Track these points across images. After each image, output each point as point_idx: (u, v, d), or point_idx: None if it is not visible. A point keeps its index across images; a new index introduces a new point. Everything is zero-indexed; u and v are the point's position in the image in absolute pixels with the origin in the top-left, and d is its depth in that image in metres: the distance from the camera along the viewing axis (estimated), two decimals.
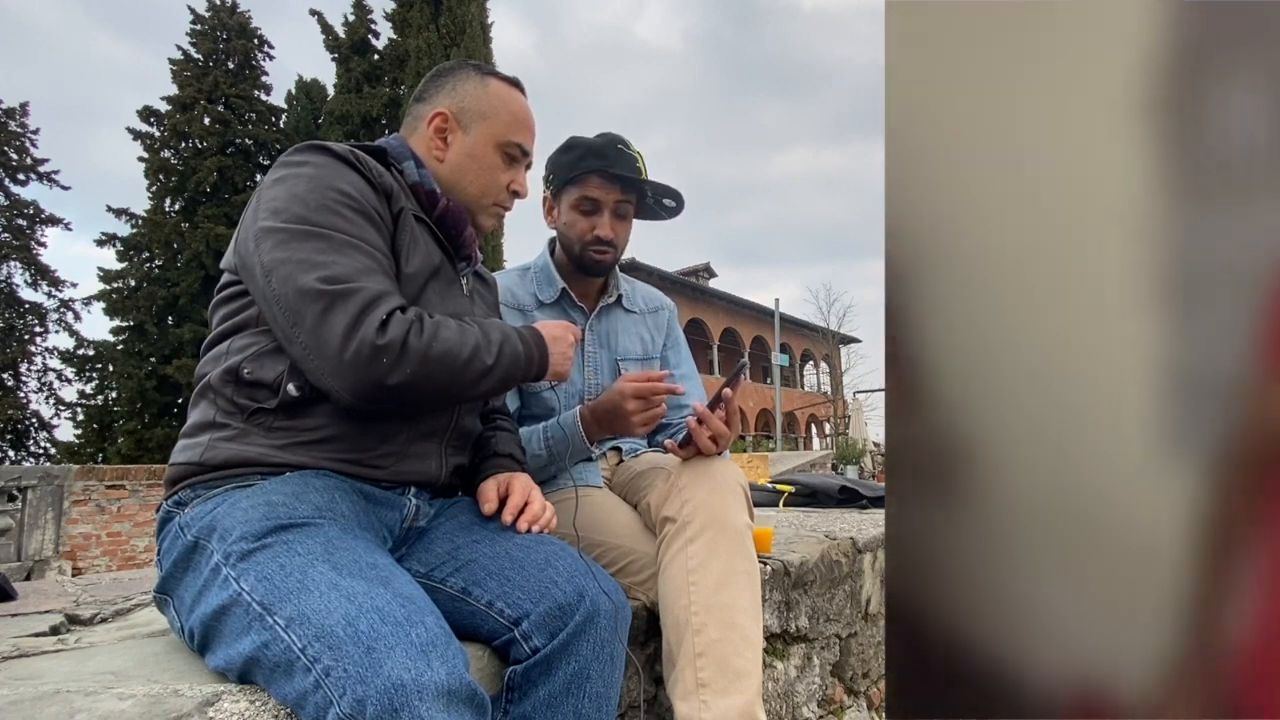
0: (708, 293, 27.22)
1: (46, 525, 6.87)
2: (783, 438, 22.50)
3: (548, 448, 1.29)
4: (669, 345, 1.59)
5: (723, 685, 1.03)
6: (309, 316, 0.81)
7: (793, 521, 2.25)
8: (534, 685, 0.85)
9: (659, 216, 1.47)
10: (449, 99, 1.07)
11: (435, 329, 0.86)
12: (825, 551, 1.70)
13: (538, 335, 1.00)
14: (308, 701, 0.64)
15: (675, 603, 1.09)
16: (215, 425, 0.88)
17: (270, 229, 0.85)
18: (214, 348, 0.92)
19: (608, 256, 1.40)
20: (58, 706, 0.65)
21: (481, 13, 16.22)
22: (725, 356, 26.50)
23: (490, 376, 0.91)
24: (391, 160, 1.02)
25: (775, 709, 1.45)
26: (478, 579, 0.89)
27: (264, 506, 0.79)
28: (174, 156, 18.67)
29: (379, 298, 0.83)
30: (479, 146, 1.06)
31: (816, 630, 1.63)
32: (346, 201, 0.89)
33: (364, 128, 16.71)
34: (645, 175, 1.38)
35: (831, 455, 15.40)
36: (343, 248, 0.85)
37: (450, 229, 1.05)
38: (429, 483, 0.99)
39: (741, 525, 1.15)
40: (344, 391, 0.82)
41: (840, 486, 2.84)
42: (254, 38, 19.99)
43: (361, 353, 0.80)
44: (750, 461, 11.75)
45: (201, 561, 0.79)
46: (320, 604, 0.67)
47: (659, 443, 1.57)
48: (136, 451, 16.59)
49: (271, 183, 0.90)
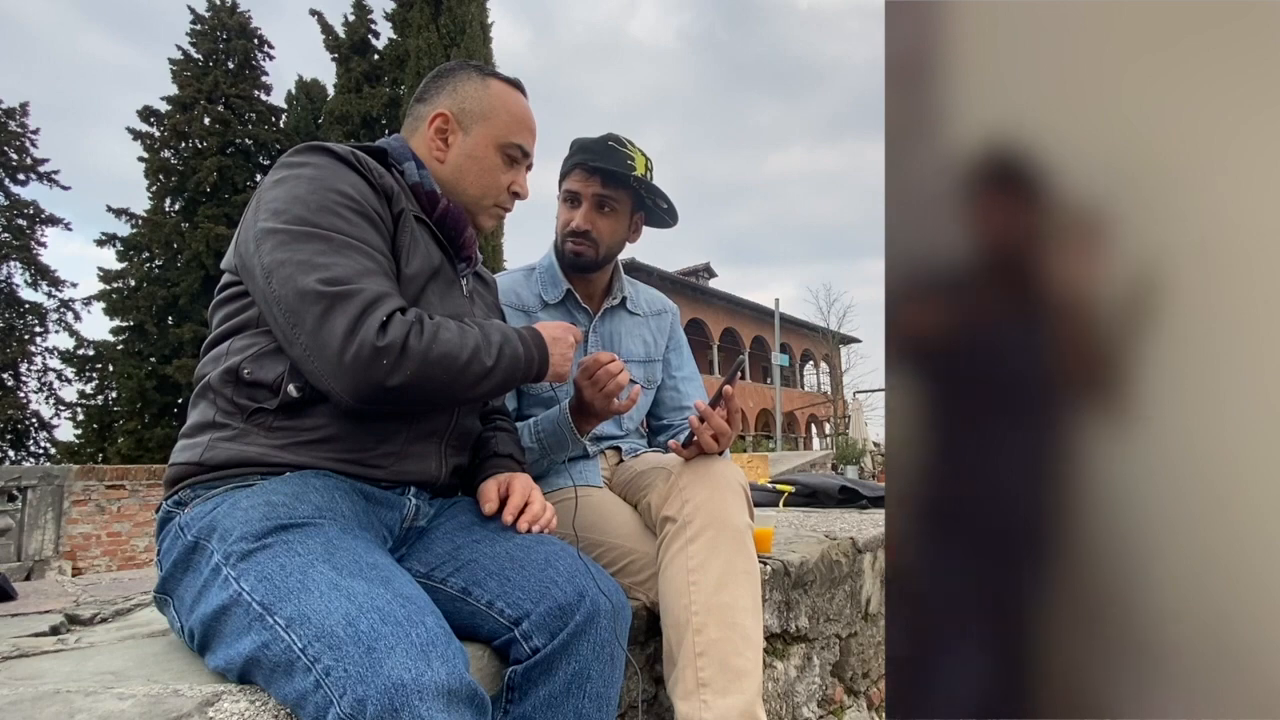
0: (707, 293, 27.21)
1: (46, 525, 6.87)
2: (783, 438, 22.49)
3: (539, 440, 1.29)
4: (671, 348, 1.60)
5: (723, 685, 1.03)
6: (309, 318, 0.81)
7: (793, 521, 2.25)
8: (534, 685, 0.85)
9: (662, 222, 1.48)
10: (450, 100, 1.07)
11: (435, 330, 0.86)
12: (825, 551, 1.70)
13: (538, 336, 1.00)
14: (308, 701, 0.64)
15: (675, 602, 1.09)
16: (215, 425, 0.88)
17: (271, 230, 0.85)
18: (214, 348, 0.92)
19: (584, 249, 1.39)
20: (58, 706, 0.65)
21: (481, 13, 16.22)
22: (725, 356, 26.48)
23: (490, 378, 0.91)
24: (392, 161, 1.03)
25: (775, 709, 1.45)
26: (478, 579, 0.89)
27: (264, 506, 0.79)
28: (174, 156, 18.66)
29: (379, 299, 0.83)
30: (479, 147, 1.06)
31: (816, 630, 1.63)
32: (347, 203, 0.89)
33: (364, 128, 16.71)
34: (642, 174, 1.38)
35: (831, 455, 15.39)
36: (343, 249, 0.85)
37: (450, 230, 1.05)
38: (429, 483, 0.99)
39: (742, 525, 1.15)
40: (344, 393, 0.82)
41: (840, 486, 2.84)
42: (254, 38, 19.98)
43: (361, 354, 0.80)
44: (750, 461, 11.75)
45: (202, 561, 0.79)
46: (320, 604, 0.67)
47: (659, 443, 1.57)
48: (136, 451, 16.59)
49: (272, 183, 0.90)
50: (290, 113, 19.79)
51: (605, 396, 1.18)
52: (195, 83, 18.80)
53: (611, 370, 1.17)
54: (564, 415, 1.26)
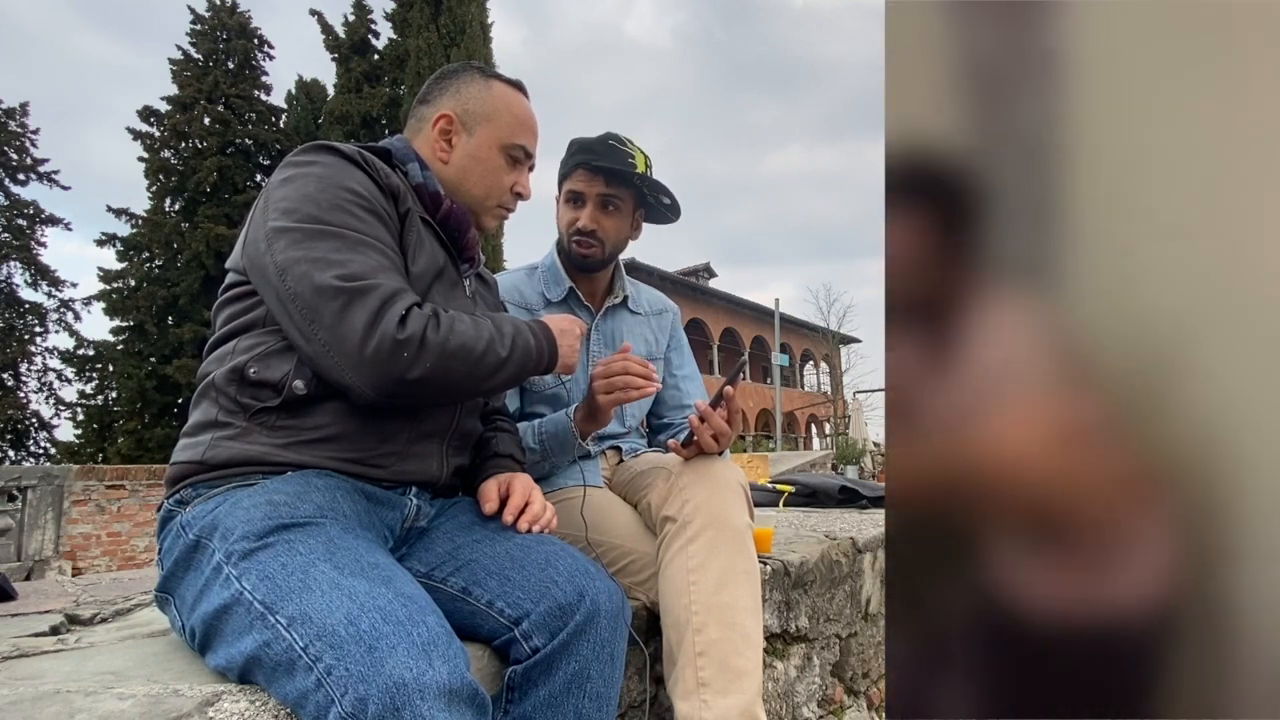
0: (708, 293, 27.22)
1: (46, 525, 6.87)
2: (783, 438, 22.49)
3: (541, 442, 1.29)
4: (672, 347, 1.61)
5: (723, 685, 1.03)
6: (328, 314, 0.81)
7: (793, 521, 2.25)
8: (534, 685, 0.85)
9: (664, 218, 1.48)
10: (453, 101, 1.07)
11: (451, 323, 0.87)
12: (825, 551, 1.70)
13: (545, 328, 1.01)
14: (309, 700, 0.64)
15: (676, 602, 1.09)
16: (217, 424, 0.88)
17: (283, 229, 0.85)
18: (219, 347, 0.92)
19: (591, 250, 1.40)
20: (58, 706, 0.65)
21: (481, 13, 16.23)
22: (725, 356, 26.49)
23: (505, 369, 0.92)
24: (396, 161, 1.03)
25: (775, 709, 1.45)
26: (478, 579, 0.89)
27: (266, 506, 0.79)
28: (174, 156, 18.65)
29: (396, 294, 0.84)
30: (483, 148, 1.07)
31: (816, 630, 1.63)
32: (357, 200, 0.89)
33: (364, 128, 16.71)
34: (643, 171, 1.38)
35: (831, 455, 15.39)
36: (357, 245, 0.85)
37: (454, 230, 1.06)
38: (430, 483, 0.99)
39: (742, 525, 1.15)
40: (365, 387, 0.83)
41: (840, 486, 2.84)
42: (254, 38, 19.98)
43: (382, 348, 0.81)
44: (750, 461, 11.75)
45: (203, 560, 0.79)
46: (322, 603, 0.67)
47: (660, 443, 1.57)
48: (136, 451, 16.59)
49: (280, 183, 0.90)
50: (290, 113, 19.79)
51: (607, 389, 1.17)
52: (195, 83, 18.80)
53: (631, 367, 1.16)
54: (568, 417, 1.26)
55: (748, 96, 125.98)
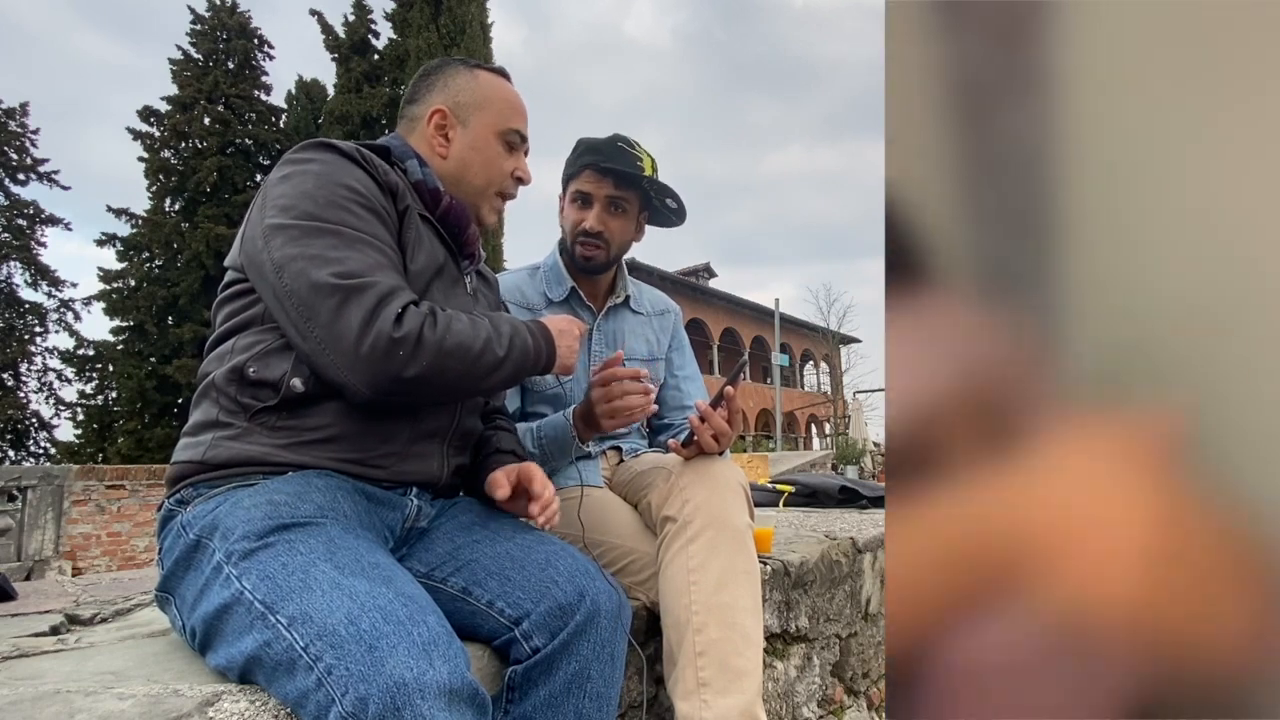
0: (708, 293, 27.22)
1: (46, 525, 6.87)
2: (783, 438, 22.49)
3: (540, 445, 1.29)
4: (674, 347, 1.61)
5: (723, 685, 1.03)
6: (324, 311, 0.81)
7: (793, 521, 2.25)
8: (534, 685, 0.85)
9: (669, 221, 1.48)
10: (443, 95, 1.07)
11: (449, 322, 0.87)
12: (825, 551, 1.70)
13: (544, 328, 1.01)
14: (309, 700, 0.64)
15: (676, 602, 1.09)
16: (218, 424, 0.88)
17: (280, 226, 0.85)
18: (218, 346, 0.92)
19: (597, 252, 1.40)
20: (58, 706, 0.65)
21: (481, 13, 16.22)
22: (725, 356, 26.50)
23: (502, 368, 0.92)
24: (395, 159, 1.03)
25: (775, 709, 1.45)
26: (478, 579, 0.89)
27: (266, 505, 0.79)
28: (174, 156, 18.64)
29: (393, 292, 0.84)
30: (480, 138, 1.07)
31: (816, 630, 1.63)
32: (355, 198, 0.89)
33: (364, 128, 16.70)
34: (649, 174, 1.38)
35: (831, 455, 15.39)
36: (354, 243, 0.85)
37: (453, 227, 1.06)
38: (430, 483, 0.99)
39: (742, 525, 1.15)
40: (361, 385, 0.83)
41: (840, 486, 2.84)
42: (254, 38, 19.97)
43: (378, 346, 0.81)
44: (750, 461, 11.75)
45: (203, 560, 0.79)
46: (322, 603, 0.67)
47: (660, 443, 1.57)
48: (136, 451, 16.58)
49: (278, 180, 0.90)
50: (290, 113, 19.78)
51: (610, 413, 1.18)
52: (195, 83, 18.79)
53: (625, 384, 1.16)
54: (567, 420, 1.26)
55: (748, 96, 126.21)
